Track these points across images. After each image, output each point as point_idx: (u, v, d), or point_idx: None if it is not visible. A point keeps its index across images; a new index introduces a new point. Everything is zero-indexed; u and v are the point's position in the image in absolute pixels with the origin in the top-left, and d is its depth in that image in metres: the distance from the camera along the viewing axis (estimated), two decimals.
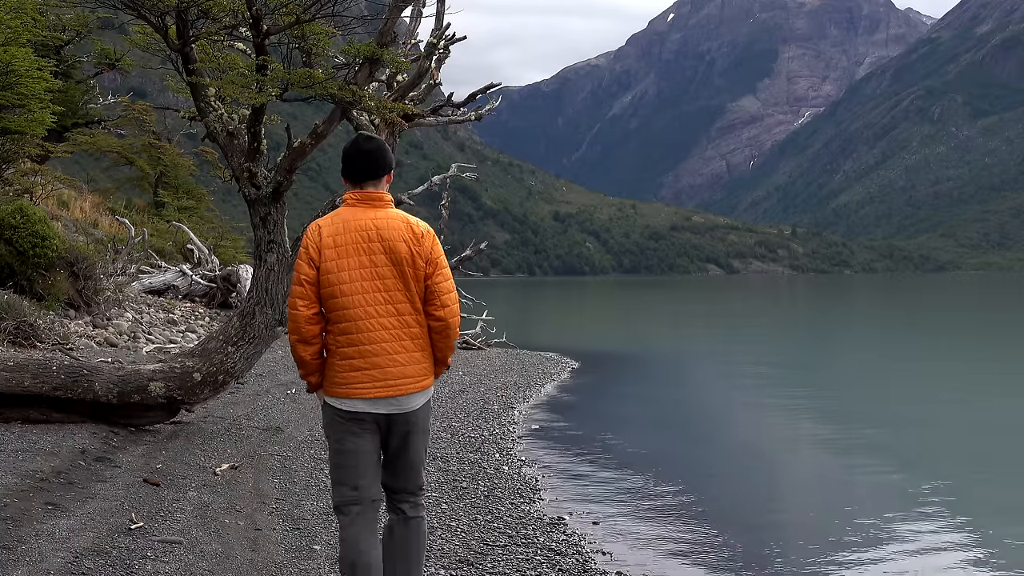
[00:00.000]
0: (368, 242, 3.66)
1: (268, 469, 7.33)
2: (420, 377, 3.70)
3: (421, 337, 3.71)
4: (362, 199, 3.74)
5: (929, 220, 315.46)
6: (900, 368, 19.57)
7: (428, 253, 3.69)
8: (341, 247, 3.66)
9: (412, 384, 3.67)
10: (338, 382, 3.67)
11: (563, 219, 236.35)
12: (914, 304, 55.00)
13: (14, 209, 12.53)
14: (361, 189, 3.76)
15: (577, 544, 6.10)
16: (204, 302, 20.12)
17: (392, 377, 3.64)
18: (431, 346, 3.75)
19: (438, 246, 3.76)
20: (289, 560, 5.11)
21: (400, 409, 3.67)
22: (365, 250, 3.66)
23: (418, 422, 3.74)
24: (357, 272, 3.65)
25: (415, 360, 3.68)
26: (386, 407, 3.65)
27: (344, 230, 3.68)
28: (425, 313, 3.71)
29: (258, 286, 8.59)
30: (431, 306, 3.71)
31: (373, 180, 3.76)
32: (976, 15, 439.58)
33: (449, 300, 3.73)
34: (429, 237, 3.71)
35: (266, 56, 8.17)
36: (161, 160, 29.45)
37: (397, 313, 3.67)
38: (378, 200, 3.74)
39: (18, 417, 7.46)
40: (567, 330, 34.11)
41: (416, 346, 3.69)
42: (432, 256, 3.70)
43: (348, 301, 3.64)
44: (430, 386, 3.76)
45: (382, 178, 3.79)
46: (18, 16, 13.85)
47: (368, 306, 3.64)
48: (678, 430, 12.18)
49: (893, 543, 6.55)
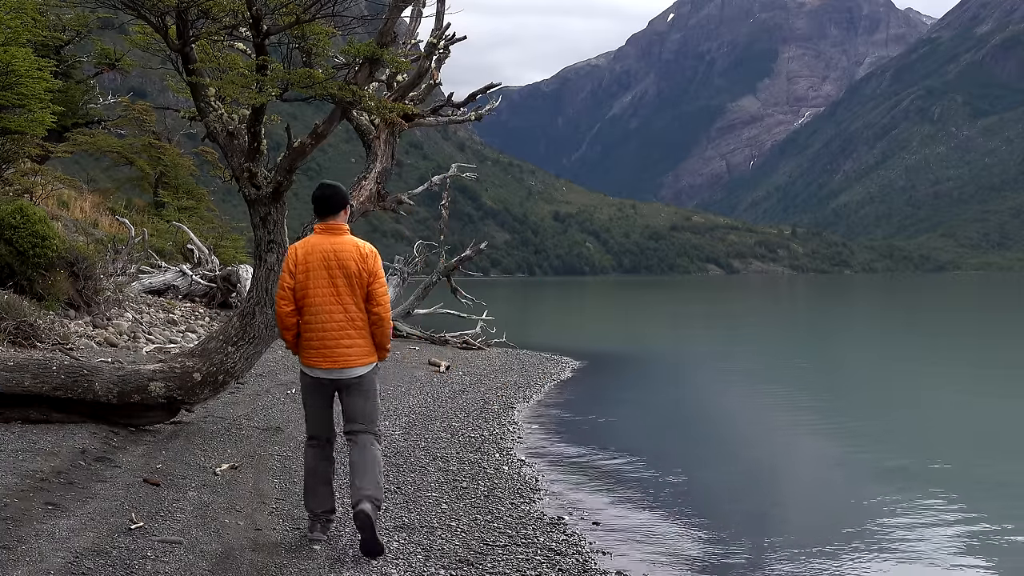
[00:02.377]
0: (327, 261, 5.24)
1: (268, 469, 7.33)
2: (360, 356, 5.28)
3: (363, 328, 5.27)
4: (325, 229, 5.34)
5: (929, 220, 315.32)
6: (900, 368, 19.57)
7: (370, 268, 5.25)
8: (310, 264, 5.25)
9: (353, 360, 5.26)
10: (306, 357, 5.33)
11: (563, 219, 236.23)
12: (914, 304, 55.01)
13: (14, 209, 12.53)
14: (324, 222, 5.34)
15: (577, 544, 6.10)
16: (204, 302, 20.12)
17: (338, 356, 5.25)
18: (371, 334, 5.31)
19: (378, 262, 5.32)
20: (289, 560, 5.11)
21: (343, 377, 5.29)
22: (325, 267, 5.24)
23: (359, 387, 5.32)
24: (319, 283, 5.23)
25: (357, 344, 5.27)
26: (336, 375, 5.28)
27: (312, 252, 5.28)
28: (366, 310, 5.26)
29: (258, 286, 8.59)
30: (370, 304, 5.27)
31: (333, 215, 5.33)
32: (976, 15, 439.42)
33: (382, 300, 5.30)
34: (372, 256, 5.29)
35: (266, 56, 8.17)
36: (161, 160, 29.44)
37: (345, 311, 5.24)
38: (337, 229, 5.33)
39: (18, 417, 7.45)
40: (567, 330, 34.11)
41: (358, 334, 5.27)
42: (372, 270, 5.26)
43: (312, 302, 5.24)
44: (370, 363, 5.32)
45: (340, 212, 5.35)
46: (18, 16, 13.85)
47: (325, 306, 5.23)
48: (678, 430, 12.18)
49: (894, 543, 6.55)
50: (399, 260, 22.04)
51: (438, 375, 14.99)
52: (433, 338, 20.35)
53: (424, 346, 19.34)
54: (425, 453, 8.58)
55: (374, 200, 9.83)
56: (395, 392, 12.52)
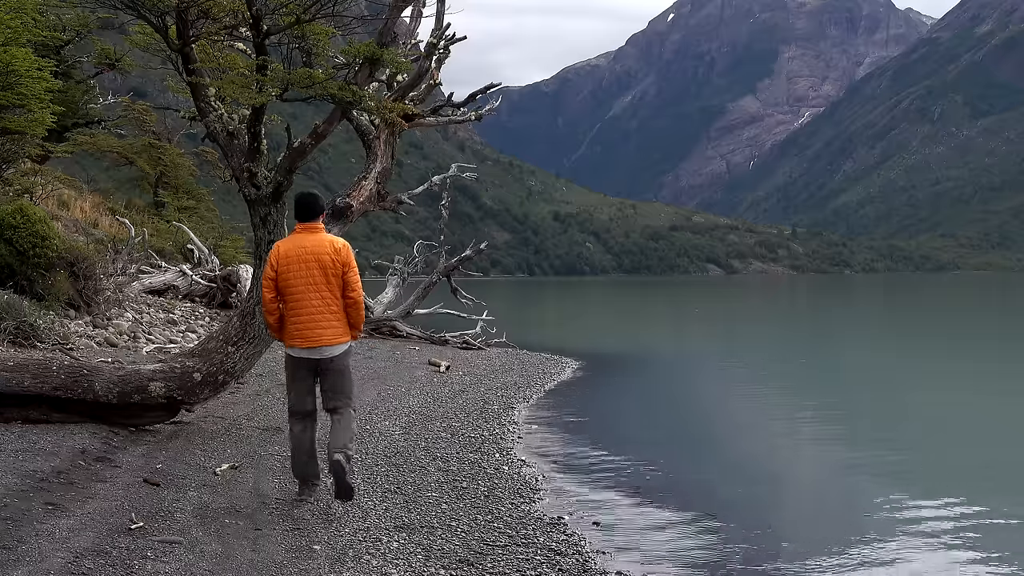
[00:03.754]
0: (305, 256, 6.10)
1: (268, 469, 7.33)
2: (334, 336, 6.10)
3: (338, 311, 6.12)
4: (304, 229, 6.25)
5: (929, 220, 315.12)
6: (900, 368, 19.57)
7: (343, 259, 6.13)
8: (291, 258, 6.12)
9: (328, 339, 6.09)
10: (288, 338, 6.18)
11: (563, 219, 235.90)
12: (914, 304, 54.97)
13: (14, 209, 12.53)
14: (303, 223, 6.24)
15: (577, 544, 6.09)
16: (204, 302, 20.12)
17: (316, 337, 6.08)
18: (346, 317, 6.16)
19: (351, 254, 6.23)
20: (289, 560, 5.11)
21: (321, 355, 6.13)
22: (304, 260, 6.10)
23: (335, 366, 6.15)
24: (299, 274, 6.09)
25: (332, 326, 6.10)
26: (314, 354, 6.12)
27: (292, 247, 6.17)
28: (342, 295, 6.13)
29: (258, 286, 8.59)
30: (345, 290, 6.14)
31: (311, 219, 6.25)
32: (976, 15, 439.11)
33: (356, 287, 6.17)
34: (344, 249, 6.17)
35: (266, 56, 8.17)
36: (161, 160, 29.47)
37: (321, 298, 6.08)
38: (314, 229, 6.24)
39: (18, 417, 7.46)
40: (567, 330, 34.09)
41: (334, 318, 6.10)
42: (345, 260, 6.14)
43: (293, 291, 6.10)
44: (345, 342, 6.18)
45: (317, 217, 6.29)
46: (18, 16, 13.83)
47: (304, 294, 6.08)
48: (679, 430, 12.18)
49: (894, 543, 6.55)
50: (399, 260, 22.04)
51: (438, 375, 14.98)
52: (433, 338, 20.35)
53: (424, 346, 19.34)
54: (425, 453, 8.58)
55: (374, 200, 9.82)
56: (395, 392, 12.51)
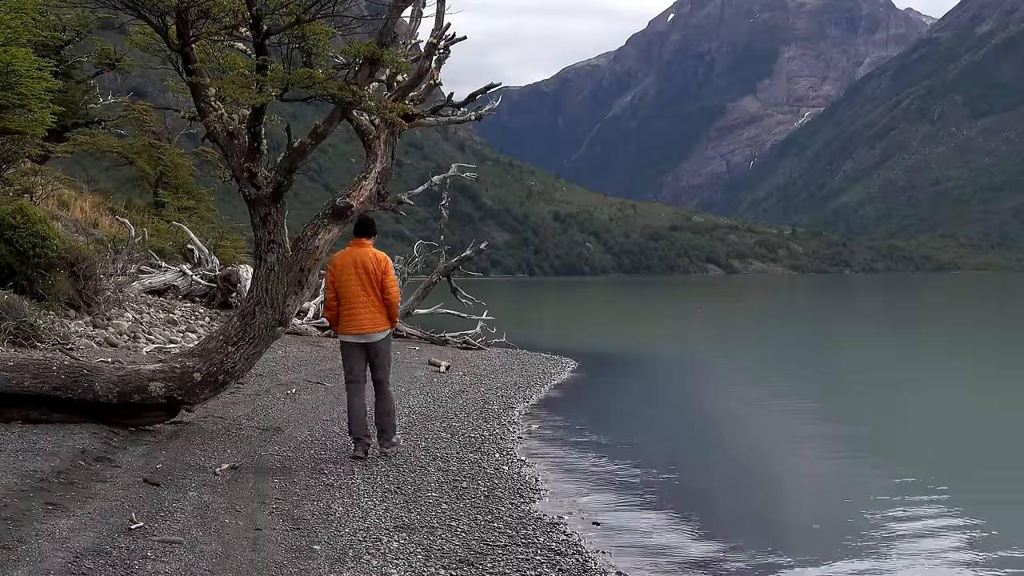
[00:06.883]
0: (355, 265, 7.90)
1: (268, 469, 7.33)
2: (377, 326, 7.92)
3: (379, 307, 7.92)
4: (356, 243, 8.08)
5: (929, 220, 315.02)
6: (901, 368, 19.57)
7: (382, 268, 7.93)
8: (345, 267, 7.93)
9: (373, 329, 7.90)
10: (342, 327, 7.97)
11: (563, 219, 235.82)
12: (914, 304, 54.97)
13: (14, 209, 12.53)
14: (357, 238, 8.11)
15: (577, 544, 6.09)
16: (204, 302, 20.11)
17: (363, 326, 7.88)
18: (386, 311, 7.95)
19: (390, 265, 8.06)
20: (289, 560, 5.11)
21: (368, 340, 7.92)
22: (354, 269, 7.89)
23: (378, 347, 7.97)
24: (350, 279, 7.89)
25: (375, 317, 7.90)
26: (362, 339, 7.91)
27: (345, 258, 7.99)
28: (381, 296, 7.91)
29: (258, 286, 8.59)
30: (383, 293, 7.92)
31: (363, 236, 8.11)
32: (976, 15, 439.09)
33: (391, 289, 7.94)
34: (384, 261, 8.00)
35: (266, 56, 8.17)
36: (161, 160, 29.46)
37: (367, 297, 7.88)
38: (363, 244, 8.06)
39: (18, 417, 7.46)
40: (567, 330, 34.09)
41: (377, 311, 7.91)
42: (384, 269, 7.94)
43: (346, 292, 7.91)
44: (385, 330, 7.98)
45: (369, 236, 8.14)
46: (18, 16, 13.84)
47: (355, 294, 7.88)
48: (679, 430, 12.18)
49: (894, 543, 6.55)
50: (399, 260, 22.04)
51: (438, 375, 14.98)
52: (433, 338, 20.35)
53: (424, 346, 19.34)
54: (425, 453, 8.58)
55: (374, 200, 9.81)
56: (395, 392, 12.43)
